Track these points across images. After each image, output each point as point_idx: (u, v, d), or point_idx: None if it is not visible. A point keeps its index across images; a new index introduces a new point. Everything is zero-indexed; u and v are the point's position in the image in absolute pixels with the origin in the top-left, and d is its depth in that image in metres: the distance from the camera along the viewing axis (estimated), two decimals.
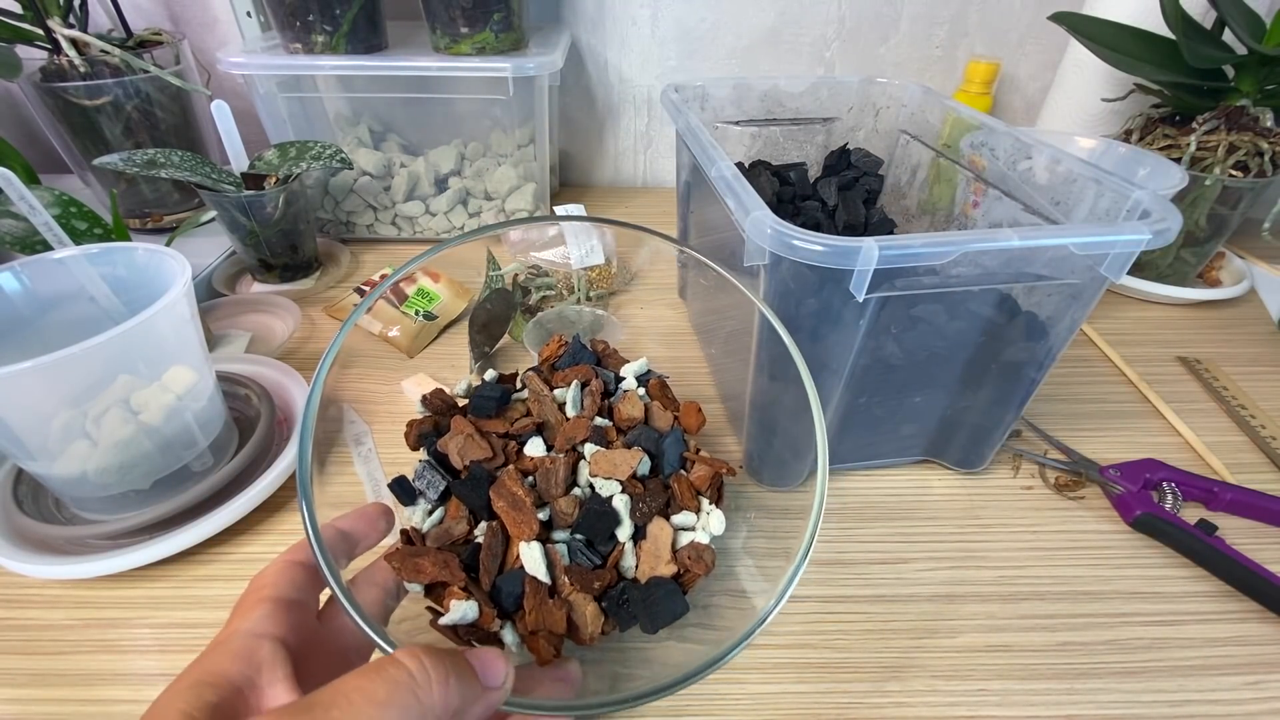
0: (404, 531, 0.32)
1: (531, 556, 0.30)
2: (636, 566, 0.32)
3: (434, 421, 0.36)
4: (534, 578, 0.29)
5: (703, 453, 0.37)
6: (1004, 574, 0.37)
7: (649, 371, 0.40)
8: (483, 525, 0.32)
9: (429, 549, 0.30)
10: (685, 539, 0.33)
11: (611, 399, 0.38)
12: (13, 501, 0.38)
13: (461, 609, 0.28)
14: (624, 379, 0.39)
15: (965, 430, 0.41)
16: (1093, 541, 0.39)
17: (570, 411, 0.37)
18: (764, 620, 0.26)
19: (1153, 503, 0.40)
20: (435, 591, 0.30)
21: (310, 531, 0.25)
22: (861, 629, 0.35)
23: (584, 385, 0.37)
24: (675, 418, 0.38)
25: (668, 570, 0.31)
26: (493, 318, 0.50)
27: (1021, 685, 0.32)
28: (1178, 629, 0.35)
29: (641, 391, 0.38)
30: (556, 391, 0.37)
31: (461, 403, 0.38)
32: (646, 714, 0.31)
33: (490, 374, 0.39)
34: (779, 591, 0.27)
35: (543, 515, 0.32)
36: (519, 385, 0.39)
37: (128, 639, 0.34)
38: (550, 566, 0.30)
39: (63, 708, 0.31)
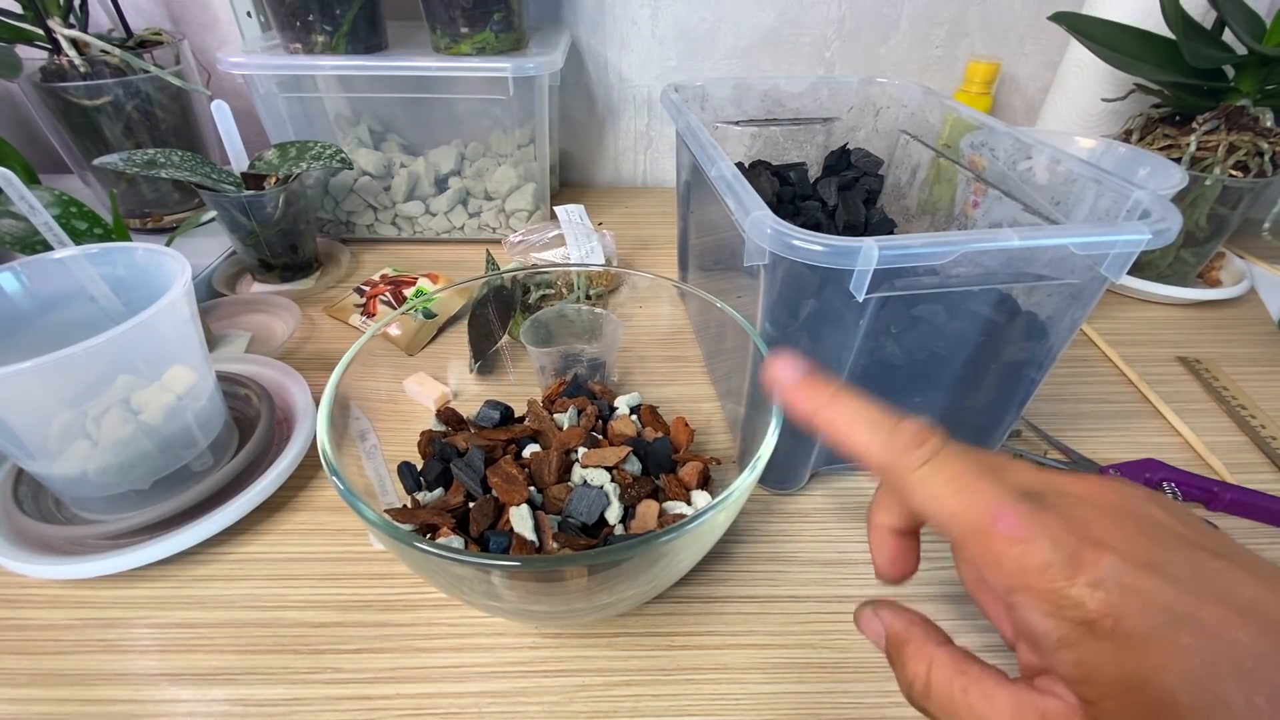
0: (403, 506, 0.35)
1: (520, 515, 0.32)
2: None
3: (445, 434, 0.39)
4: (521, 535, 0.31)
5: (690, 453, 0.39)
6: None
7: (640, 404, 0.43)
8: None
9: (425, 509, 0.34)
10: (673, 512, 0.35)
11: (606, 420, 0.41)
12: (13, 501, 0.38)
13: (448, 540, 0.31)
14: (617, 408, 0.42)
15: (965, 430, 0.41)
16: None
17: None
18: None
19: None
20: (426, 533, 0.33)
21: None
22: None
23: (580, 411, 0.40)
24: (665, 436, 0.40)
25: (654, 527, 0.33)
26: (492, 317, 0.50)
27: None
28: None
29: (634, 418, 0.41)
30: (556, 416, 0.40)
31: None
32: (649, 711, 0.31)
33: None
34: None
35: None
36: (520, 417, 0.42)
37: (128, 639, 0.34)
38: (539, 531, 0.32)
39: (63, 708, 0.31)
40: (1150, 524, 0.18)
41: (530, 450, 0.37)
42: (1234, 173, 0.55)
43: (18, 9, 0.57)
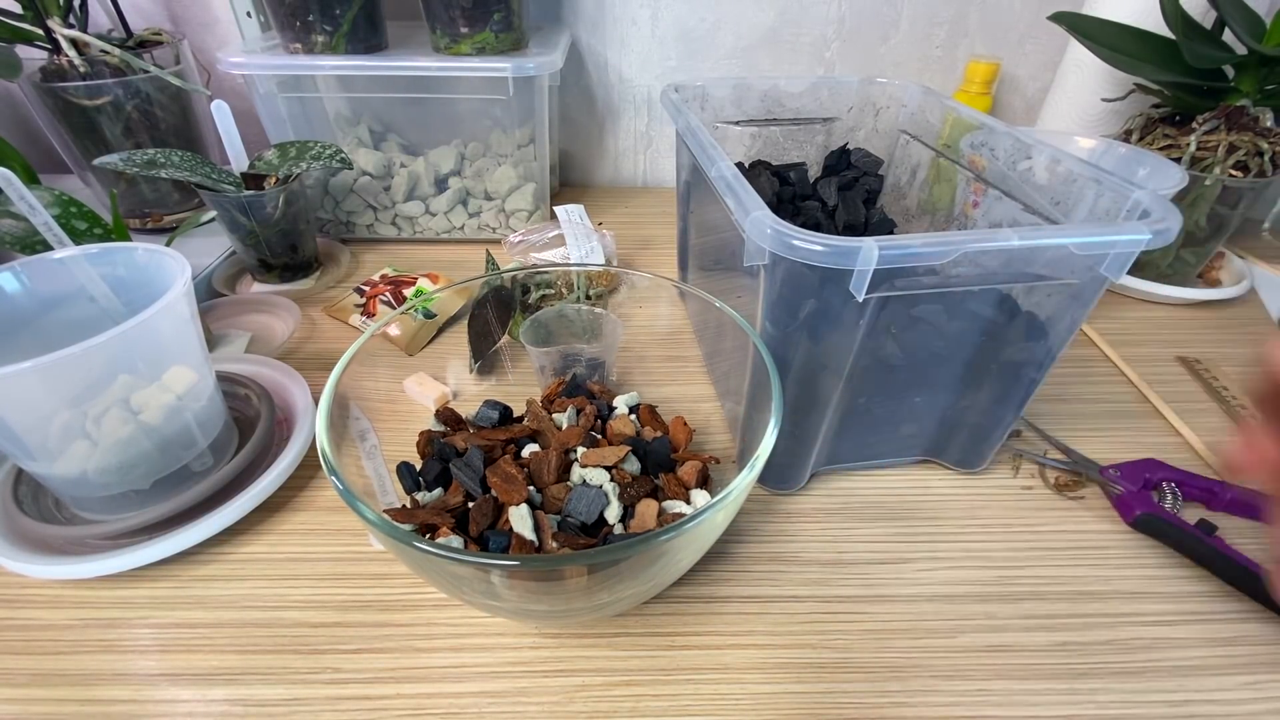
0: (402, 506, 0.35)
1: (519, 515, 0.32)
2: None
3: (444, 433, 0.39)
4: (520, 534, 0.31)
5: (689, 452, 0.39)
6: (1004, 574, 0.37)
7: (639, 404, 0.42)
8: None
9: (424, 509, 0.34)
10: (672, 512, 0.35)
11: (605, 420, 0.41)
12: (13, 501, 0.38)
13: (448, 540, 0.31)
14: (616, 408, 0.42)
15: (965, 430, 0.41)
16: (1093, 541, 0.39)
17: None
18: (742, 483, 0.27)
19: (1153, 503, 0.40)
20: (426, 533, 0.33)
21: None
22: (861, 629, 0.35)
23: (579, 411, 0.40)
24: (664, 435, 0.40)
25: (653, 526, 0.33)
26: (491, 317, 0.50)
27: (1021, 685, 0.32)
28: (1178, 629, 0.35)
29: (633, 417, 0.41)
30: (555, 416, 0.40)
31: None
32: (649, 711, 0.31)
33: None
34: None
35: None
36: (519, 417, 0.42)
37: (128, 639, 0.34)
38: (538, 530, 0.32)
39: (63, 708, 0.31)
40: None
41: (529, 450, 0.37)
42: (1234, 173, 0.55)
43: (18, 9, 0.57)
